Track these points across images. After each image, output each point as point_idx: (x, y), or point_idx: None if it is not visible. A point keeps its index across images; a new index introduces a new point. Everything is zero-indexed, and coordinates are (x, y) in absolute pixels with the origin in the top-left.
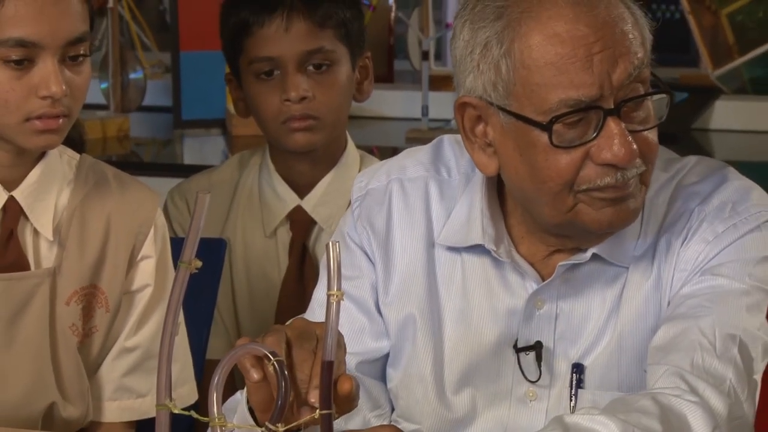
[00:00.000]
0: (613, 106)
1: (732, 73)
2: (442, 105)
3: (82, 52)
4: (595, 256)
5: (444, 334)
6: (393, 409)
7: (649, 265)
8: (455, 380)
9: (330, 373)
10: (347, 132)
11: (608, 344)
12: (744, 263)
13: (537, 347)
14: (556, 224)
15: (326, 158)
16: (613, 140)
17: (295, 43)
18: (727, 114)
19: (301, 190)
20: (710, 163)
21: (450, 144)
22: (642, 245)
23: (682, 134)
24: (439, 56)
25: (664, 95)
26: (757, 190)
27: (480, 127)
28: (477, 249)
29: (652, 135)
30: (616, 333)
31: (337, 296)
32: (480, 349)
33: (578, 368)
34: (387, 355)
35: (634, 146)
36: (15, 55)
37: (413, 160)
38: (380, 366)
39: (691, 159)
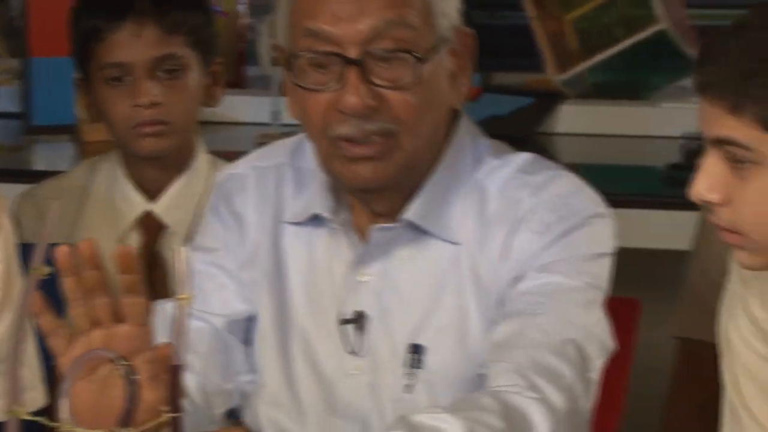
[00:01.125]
0: (354, 57)
1: (576, 78)
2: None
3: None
4: (411, 224)
5: (290, 309)
6: None
7: (480, 247)
8: (298, 351)
9: (178, 376)
10: (198, 137)
11: (449, 326)
12: (577, 260)
13: (359, 319)
14: (330, 176)
15: (176, 163)
16: (348, 89)
17: (146, 49)
18: (571, 118)
19: (152, 195)
20: (545, 160)
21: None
22: (474, 226)
23: (528, 138)
24: None
25: (409, 58)
26: (588, 188)
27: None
28: (319, 222)
29: (407, 96)
30: (458, 316)
31: (186, 300)
32: (318, 323)
33: (416, 348)
34: (249, 318)
35: (370, 99)
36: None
37: (276, 151)
38: (244, 326)
39: (526, 154)
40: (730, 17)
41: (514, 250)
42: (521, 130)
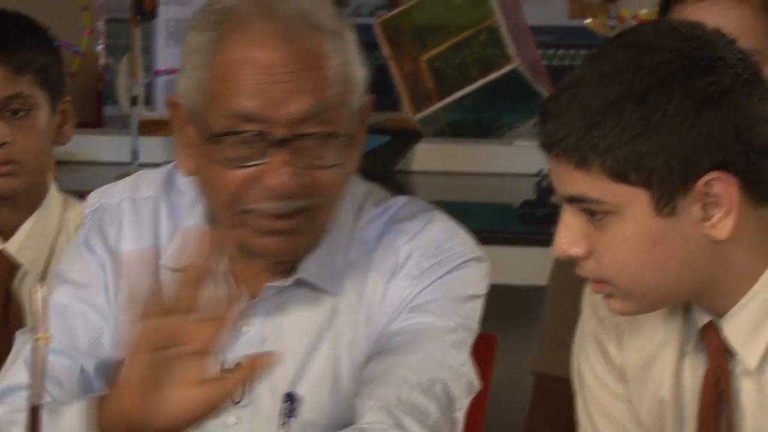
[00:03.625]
0: (282, 137)
1: (432, 117)
2: (152, 149)
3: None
4: (301, 281)
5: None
6: None
7: (359, 298)
8: None
9: (36, 418)
10: (49, 176)
11: (322, 376)
12: (450, 301)
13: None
14: (232, 242)
15: (28, 202)
16: (274, 169)
17: None
18: (427, 156)
19: (5, 235)
20: (419, 203)
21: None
22: (350, 275)
23: (385, 176)
24: (149, 101)
25: (336, 138)
26: (462, 231)
27: (190, 127)
28: None
29: (333, 174)
30: (331, 365)
31: (43, 340)
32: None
33: (290, 397)
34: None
35: (297, 180)
36: None
37: (146, 181)
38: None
39: (402, 198)
40: (580, 57)
41: (390, 296)
42: (379, 168)
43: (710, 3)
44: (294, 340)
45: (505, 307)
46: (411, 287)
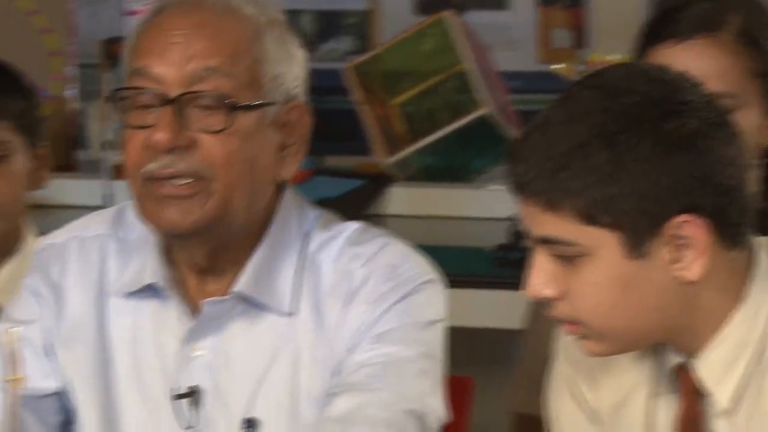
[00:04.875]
0: (172, 96)
1: (403, 161)
2: (126, 193)
3: None
4: (242, 297)
5: (116, 385)
6: None
7: (316, 320)
8: (129, 430)
9: None
10: (26, 220)
11: (283, 399)
12: (410, 328)
13: (192, 393)
14: (146, 223)
15: (5, 247)
16: (159, 125)
17: None
18: (400, 200)
19: None
20: (373, 229)
21: (132, 207)
22: (306, 299)
23: (358, 219)
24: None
25: (225, 106)
26: (415, 254)
27: None
28: (147, 293)
29: (219, 142)
30: (291, 389)
31: (17, 382)
32: (147, 398)
33: (250, 423)
34: (56, 396)
35: (179, 138)
36: None
37: (96, 221)
38: (48, 405)
39: (354, 224)
40: (550, 102)
41: (349, 321)
42: (352, 212)
43: (685, 46)
44: (246, 362)
45: (480, 350)
46: (369, 312)
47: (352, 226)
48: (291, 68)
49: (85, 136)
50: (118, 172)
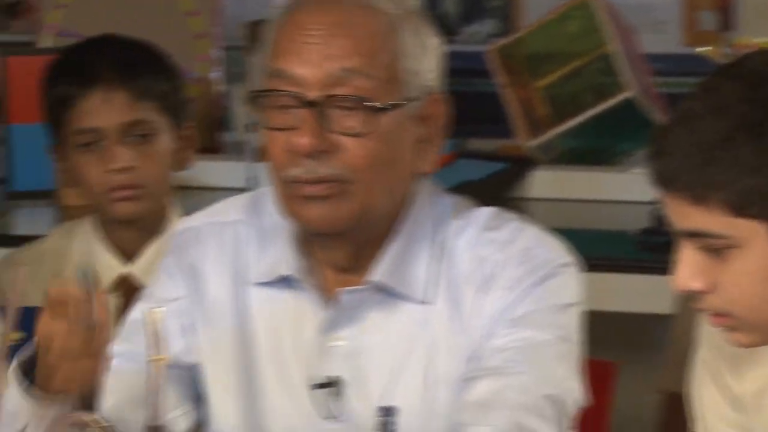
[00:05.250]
0: (311, 99)
1: (547, 144)
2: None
3: None
4: (379, 286)
5: (257, 371)
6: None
7: (453, 308)
8: (269, 418)
9: None
10: (171, 200)
11: (420, 388)
12: (547, 312)
13: (333, 384)
14: (292, 225)
15: (151, 226)
16: (301, 130)
17: (116, 115)
18: (543, 183)
19: (128, 257)
20: (506, 213)
21: (270, 194)
22: (443, 286)
23: (501, 203)
24: None
25: (365, 108)
26: (550, 238)
27: None
28: (285, 283)
29: (361, 145)
30: (428, 377)
31: (159, 361)
32: (286, 387)
33: (387, 411)
34: (193, 370)
35: (322, 142)
36: None
37: (233, 206)
38: (187, 378)
39: (487, 209)
40: (694, 85)
41: (485, 308)
42: (494, 195)
43: None
44: (385, 351)
45: (623, 335)
46: (505, 297)
47: (486, 212)
48: (427, 60)
49: (230, 118)
50: (262, 154)
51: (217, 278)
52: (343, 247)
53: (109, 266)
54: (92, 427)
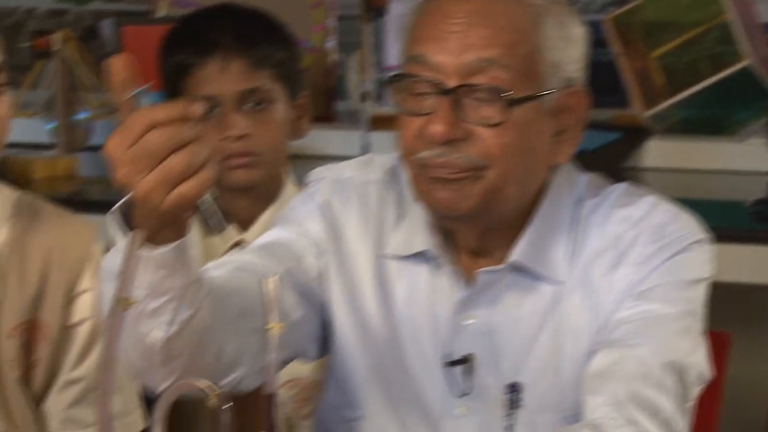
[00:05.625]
0: (448, 87)
1: (662, 113)
2: (383, 144)
3: (1, 81)
4: (517, 266)
5: (395, 339)
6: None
7: (584, 287)
8: (404, 391)
9: (271, 405)
10: (286, 169)
11: (546, 364)
12: (674, 286)
13: (466, 361)
14: (420, 204)
15: (266, 194)
16: (436, 117)
17: (233, 83)
18: (657, 153)
19: (244, 225)
20: (638, 189)
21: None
22: (576, 264)
23: (615, 173)
24: (380, 97)
25: (502, 98)
26: (684, 214)
27: None
28: (421, 258)
29: (496, 134)
30: (554, 354)
31: (275, 329)
32: (421, 361)
33: (514, 387)
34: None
35: (456, 130)
36: None
37: (375, 165)
38: (303, 289)
39: (620, 185)
40: None
41: (615, 284)
42: (608, 165)
43: None
44: (516, 329)
45: (737, 305)
46: (635, 273)
47: (619, 188)
48: (570, 52)
49: (345, 87)
50: (376, 123)
51: (358, 237)
52: (471, 231)
53: (226, 233)
54: (207, 394)
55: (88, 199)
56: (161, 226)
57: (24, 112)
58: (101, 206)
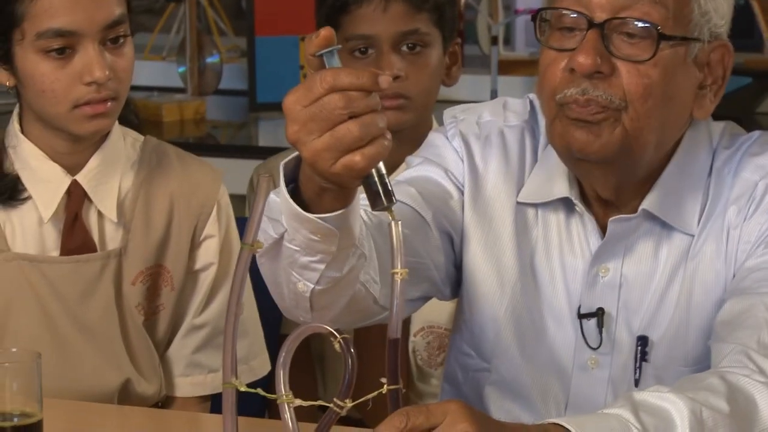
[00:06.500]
0: (597, 21)
1: None
2: (511, 88)
3: (122, 33)
4: (649, 216)
5: (515, 290)
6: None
7: (716, 238)
8: (535, 341)
9: (396, 350)
10: (432, 115)
11: (674, 317)
12: None
13: (599, 314)
14: (553, 148)
15: (412, 139)
16: (582, 49)
17: (392, 24)
18: None
19: (389, 168)
20: None
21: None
22: (708, 215)
23: (747, 118)
24: (508, 41)
25: (651, 31)
26: None
27: None
28: (556, 205)
29: (639, 73)
30: (683, 306)
31: (401, 274)
32: (554, 312)
33: (643, 340)
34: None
35: (601, 64)
36: (56, 45)
37: (511, 109)
38: (445, 230)
39: (755, 133)
40: None
41: (747, 233)
42: (740, 110)
43: None
44: (648, 282)
45: None
46: (767, 222)
47: (754, 136)
48: (719, 5)
49: (474, 32)
50: (505, 67)
51: (499, 186)
52: (605, 177)
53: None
54: (333, 339)
55: (216, 143)
56: (323, 191)
57: (155, 55)
58: (229, 150)
